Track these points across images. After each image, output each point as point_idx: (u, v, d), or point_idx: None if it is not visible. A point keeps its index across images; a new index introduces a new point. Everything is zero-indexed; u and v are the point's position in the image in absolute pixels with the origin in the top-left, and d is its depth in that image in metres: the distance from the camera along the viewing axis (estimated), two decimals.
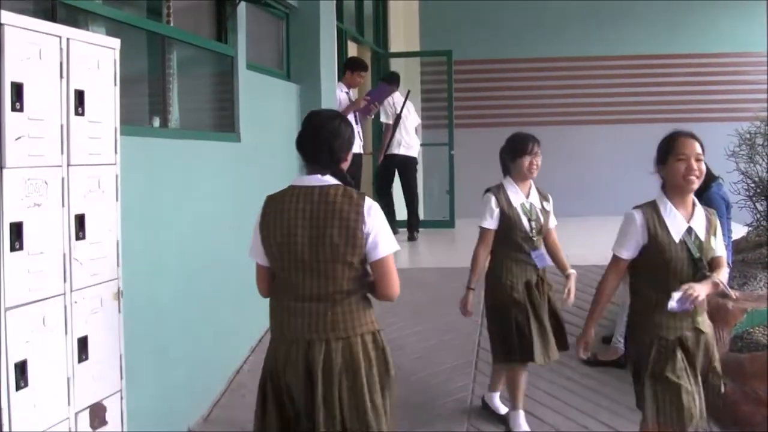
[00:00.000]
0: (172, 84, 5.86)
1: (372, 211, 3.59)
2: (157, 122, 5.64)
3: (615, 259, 4.59)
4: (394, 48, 13.27)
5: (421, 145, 13.59)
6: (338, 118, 3.78)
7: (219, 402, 6.15)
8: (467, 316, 5.78)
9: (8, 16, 3.10)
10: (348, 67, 9.54)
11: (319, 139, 3.68)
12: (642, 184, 12.83)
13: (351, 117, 9.40)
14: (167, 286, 5.45)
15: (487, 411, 5.91)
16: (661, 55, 14.00)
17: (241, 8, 6.87)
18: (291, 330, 3.64)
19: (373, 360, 3.68)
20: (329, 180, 3.66)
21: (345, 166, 3.76)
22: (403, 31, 13.89)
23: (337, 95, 9.23)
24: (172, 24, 5.81)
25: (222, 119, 6.86)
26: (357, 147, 9.52)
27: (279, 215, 3.69)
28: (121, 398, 3.90)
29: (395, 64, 13.28)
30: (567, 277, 5.75)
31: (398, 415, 5.85)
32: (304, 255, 3.59)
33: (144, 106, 5.70)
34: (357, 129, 9.54)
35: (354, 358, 3.60)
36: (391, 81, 10.28)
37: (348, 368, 3.59)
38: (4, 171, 3.08)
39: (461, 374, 6.42)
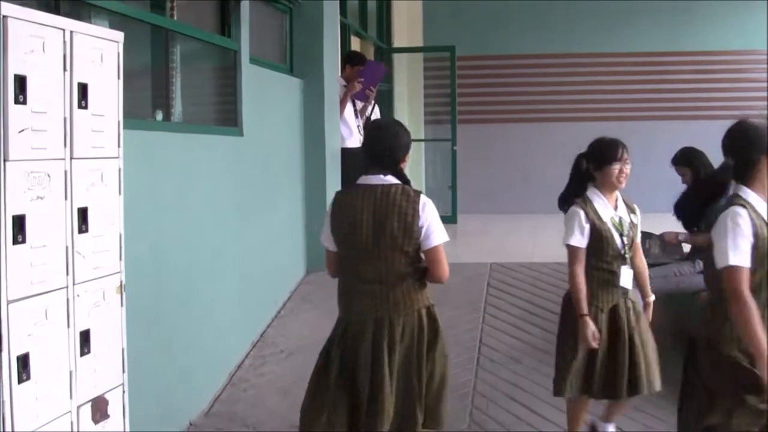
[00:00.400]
0: (175, 78, 5.85)
1: (426, 207, 4.15)
2: (159, 116, 5.63)
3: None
4: (397, 43, 13.25)
5: (424, 140, 13.63)
6: (397, 125, 4.43)
7: (220, 396, 6.15)
8: (596, 346, 4.81)
9: (12, 8, 3.09)
10: (348, 62, 9.51)
11: (381, 144, 4.24)
12: (647, 180, 12.87)
13: (350, 112, 9.39)
14: (169, 279, 5.45)
15: None
16: (666, 52, 13.97)
17: (245, 2, 6.87)
18: (358, 309, 4.23)
19: (426, 330, 4.24)
20: (390, 179, 4.19)
21: (404, 166, 4.29)
22: (407, 27, 13.87)
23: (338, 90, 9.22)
24: (175, 17, 5.80)
25: (225, 113, 6.85)
26: (356, 141, 9.50)
27: (347, 210, 4.23)
28: (123, 392, 3.90)
29: (398, 60, 13.29)
30: (646, 305, 5.24)
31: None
32: (368, 244, 4.14)
33: (147, 99, 5.70)
34: (357, 123, 9.52)
35: (412, 331, 4.19)
36: (364, 60, 9.97)
37: (407, 339, 4.18)
38: (7, 164, 3.07)
39: (463, 370, 6.41)
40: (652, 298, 5.24)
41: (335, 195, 4.42)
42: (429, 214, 4.14)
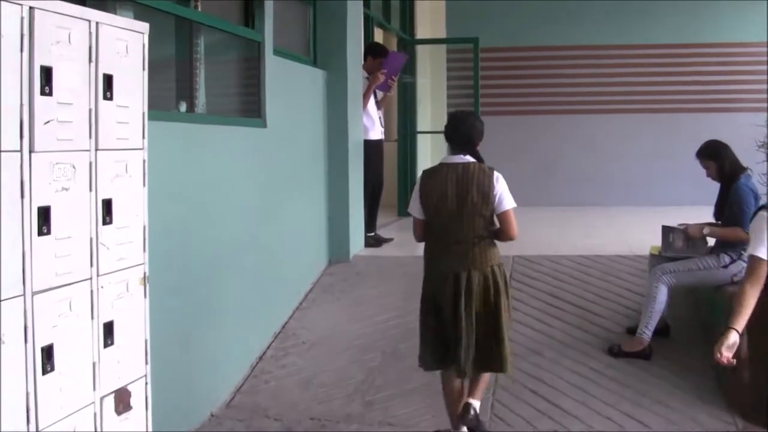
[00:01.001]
0: (199, 69, 5.86)
1: (499, 180, 5.18)
2: (183, 107, 5.64)
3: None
4: (420, 35, 13.23)
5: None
6: (473, 117, 5.47)
7: (242, 388, 6.17)
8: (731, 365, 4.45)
9: (38, 0, 3.10)
10: (369, 53, 9.51)
11: (461, 132, 5.30)
12: (670, 173, 12.79)
13: (373, 103, 9.38)
14: (193, 271, 5.46)
15: None
16: (688, 44, 13.86)
17: None
18: (444, 265, 5.18)
19: (500, 282, 5.16)
20: (468, 159, 5.21)
21: (478, 148, 5.32)
22: (430, 18, 13.84)
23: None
24: (200, 9, 5.81)
25: (248, 105, 6.86)
26: (378, 133, 9.51)
27: (435, 184, 5.19)
28: (146, 383, 3.91)
29: (421, 51, 13.26)
30: None
31: (419, 403, 5.87)
32: (453, 210, 5.11)
33: (171, 91, 5.70)
34: (379, 114, 9.53)
35: (486, 282, 5.11)
36: (386, 52, 9.90)
37: (482, 289, 5.10)
38: (33, 155, 3.07)
39: None
40: None
41: (423, 173, 5.41)
42: (501, 186, 5.18)
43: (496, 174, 5.21)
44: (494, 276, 5.14)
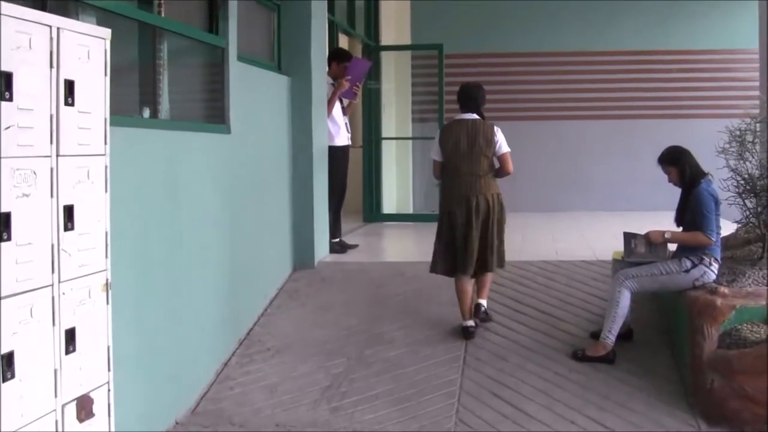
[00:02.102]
0: (163, 75, 5.84)
1: (498, 131, 7.07)
2: (147, 113, 5.61)
3: None
4: (385, 41, 13.24)
5: (412, 138, 13.63)
6: (477, 87, 7.34)
7: (207, 394, 6.14)
8: None
9: None
10: (334, 59, 9.51)
11: (471, 96, 7.21)
12: (633, 178, 12.91)
13: (338, 109, 9.39)
14: (156, 277, 5.44)
15: None
16: (654, 51, 14.02)
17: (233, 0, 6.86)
18: (458, 192, 6.98)
19: (497, 206, 6.99)
20: (475, 116, 7.11)
21: (482, 109, 7.20)
22: (395, 24, 13.86)
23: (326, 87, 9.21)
24: (163, 14, 5.78)
25: (212, 110, 6.83)
26: (345, 139, 9.51)
27: (451, 133, 7.10)
28: (109, 390, 3.89)
29: (386, 57, 13.27)
30: None
31: (385, 408, 5.87)
32: (465, 152, 6.98)
33: (134, 96, 5.67)
34: (345, 121, 9.54)
35: (489, 205, 6.94)
36: (350, 57, 9.92)
37: (487, 209, 6.93)
38: None
39: (449, 369, 6.42)
40: None
41: (443, 126, 7.59)
42: (500, 136, 7.07)
43: (496, 127, 7.10)
44: (495, 200, 6.96)
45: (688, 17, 13.95)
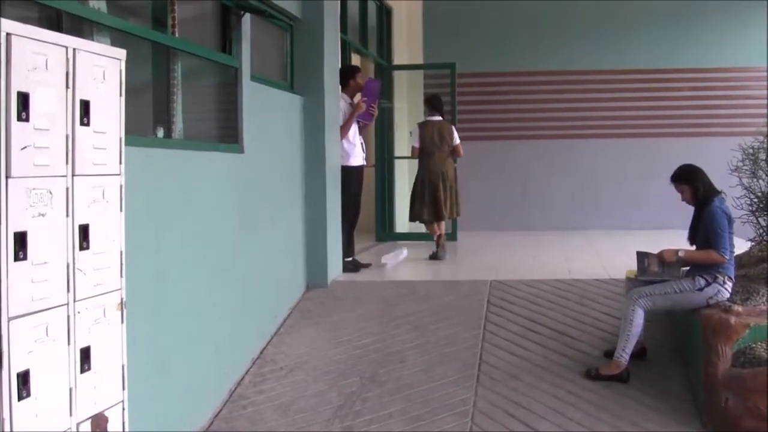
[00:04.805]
0: (177, 95, 5.87)
1: (454, 130, 10.68)
2: (161, 133, 5.65)
3: None
4: (397, 60, 13.29)
5: None
6: (440, 97, 10.92)
7: (220, 413, 6.14)
8: None
9: (15, 26, 3.11)
10: (349, 77, 9.54)
11: (438, 105, 10.73)
12: (643, 197, 12.91)
13: (354, 130, 9.43)
14: (170, 296, 5.45)
15: None
16: (666, 69, 14.02)
17: (246, 20, 6.90)
18: (433, 167, 10.50)
19: (454, 175, 10.70)
20: (440, 118, 10.63)
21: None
22: (407, 44, 13.91)
23: (341, 107, 9.24)
24: (177, 35, 5.82)
25: (226, 130, 6.87)
26: (360, 159, 9.54)
27: (427, 130, 10.52)
28: (123, 409, 3.90)
29: (399, 76, 13.31)
30: None
31: (398, 427, 5.86)
32: (436, 142, 10.48)
33: (148, 116, 5.71)
34: (360, 140, 9.56)
35: (449, 176, 10.58)
36: (357, 70, 10.02)
37: (448, 179, 10.55)
38: (9, 180, 3.08)
39: (462, 388, 6.40)
40: None
41: (420, 124, 10.76)
42: (455, 132, 10.65)
43: (453, 127, 10.80)
44: (453, 172, 10.75)
45: (700, 35, 13.96)
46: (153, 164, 5.20)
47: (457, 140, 10.64)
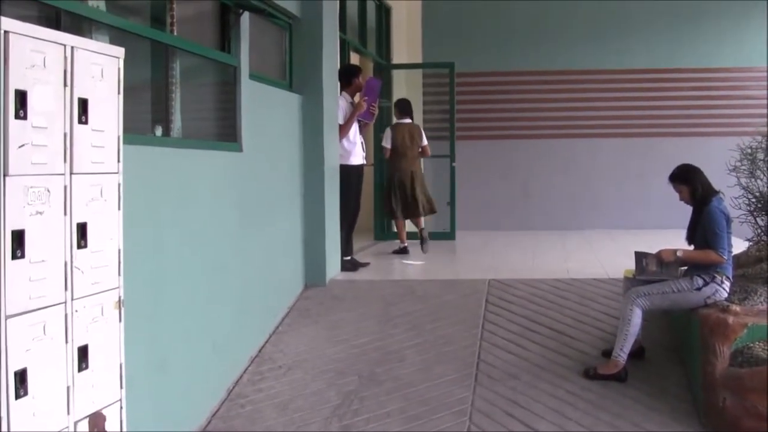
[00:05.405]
0: (175, 93, 5.86)
1: (423, 131, 11.26)
2: (159, 131, 5.64)
3: None
4: (396, 59, 13.29)
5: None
6: (410, 102, 11.48)
7: (218, 412, 6.14)
8: None
9: (13, 24, 3.10)
10: (353, 76, 9.55)
11: (408, 108, 11.31)
12: (644, 197, 12.90)
13: (354, 129, 9.43)
14: (168, 295, 5.45)
15: None
16: (664, 69, 14.02)
17: (245, 18, 6.89)
18: (404, 167, 11.01)
19: (422, 174, 11.38)
20: (410, 120, 11.20)
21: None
22: (406, 43, 13.91)
23: (341, 105, 9.25)
24: (175, 33, 5.82)
25: (224, 129, 6.86)
26: (360, 158, 9.54)
27: (399, 131, 11.02)
28: (121, 407, 3.89)
29: (397, 75, 13.31)
30: None
31: (396, 426, 5.86)
32: (406, 143, 10.97)
33: (147, 114, 5.70)
34: (360, 140, 9.56)
35: (418, 175, 11.21)
36: (361, 76, 10.03)
37: (417, 177, 11.15)
38: (7, 178, 3.08)
39: (460, 387, 6.40)
40: None
41: (392, 126, 11.24)
42: (424, 134, 11.16)
43: (421, 128, 11.32)
44: (421, 171, 11.36)
45: (701, 35, 13.96)
46: (151, 163, 5.19)
47: (425, 141, 11.17)
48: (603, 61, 14.13)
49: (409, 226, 11.46)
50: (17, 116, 3.12)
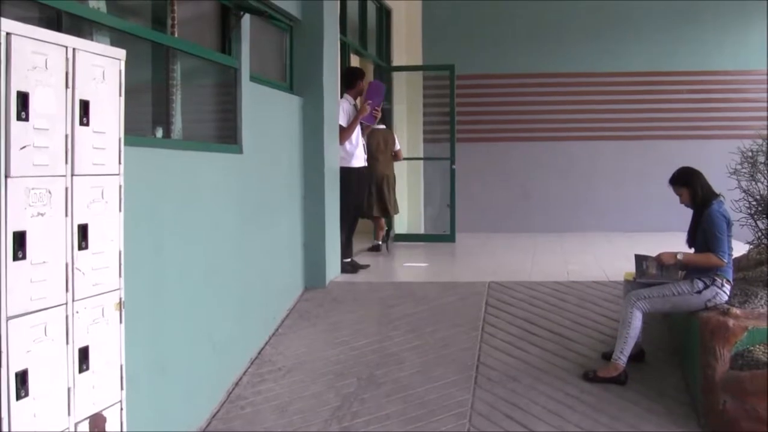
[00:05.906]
0: (176, 95, 5.87)
1: (396, 136, 11.65)
2: (160, 133, 5.65)
3: None
4: (396, 62, 13.30)
5: (423, 158, 13.64)
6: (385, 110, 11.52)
7: (218, 414, 6.14)
8: None
9: (15, 25, 3.11)
10: (357, 78, 9.56)
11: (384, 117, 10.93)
12: (644, 199, 12.90)
13: (357, 132, 9.43)
14: (168, 296, 5.45)
15: None
16: (664, 72, 14.02)
17: (245, 20, 6.90)
18: (379, 171, 10.97)
19: (394, 177, 11.49)
20: (384, 126, 11.28)
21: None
22: (406, 45, 13.91)
23: (345, 108, 9.26)
24: (176, 35, 5.82)
25: (225, 130, 6.87)
26: (361, 160, 9.55)
27: (375, 137, 10.92)
28: (121, 409, 3.89)
29: (398, 78, 13.32)
30: None
31: (396, 428, 5.86)
32: (382, 148, 11.13)
33: (148, 116, 5.71)
34: (362, 142, 9.57)
35: (391, 178, 11.33)
36: (362, 73, 10.09)
37: (390, 180, 11.29)
38: (9, 180, 3.08)
39: (460, 389, 6.40)
40: None
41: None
42: (398, 139, 11.63)
43: (395, 135, 11.65)
44: (394, 175, 11.47)
45: (700, 38, 13.97)
46: (152, 164, 5.20)
47: (398, 146, 11.61)
48: (603, 63, 14.13)
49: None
50: (19, 118, 3.12)
